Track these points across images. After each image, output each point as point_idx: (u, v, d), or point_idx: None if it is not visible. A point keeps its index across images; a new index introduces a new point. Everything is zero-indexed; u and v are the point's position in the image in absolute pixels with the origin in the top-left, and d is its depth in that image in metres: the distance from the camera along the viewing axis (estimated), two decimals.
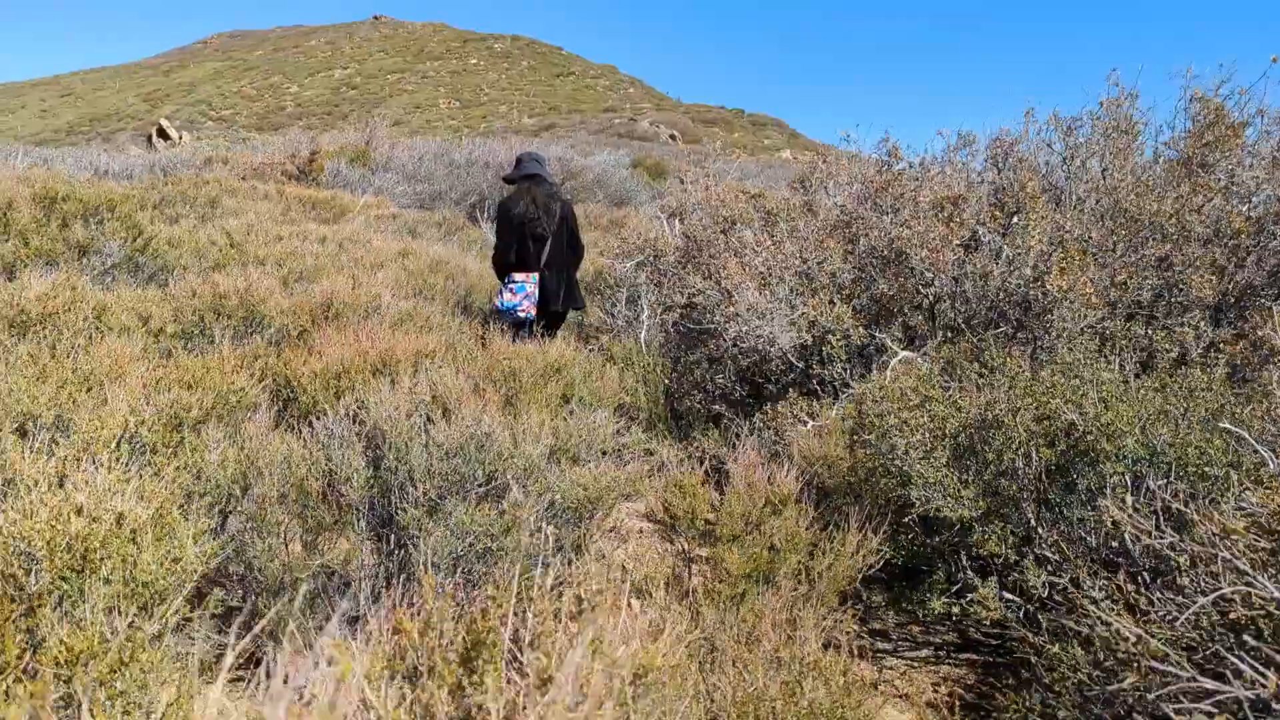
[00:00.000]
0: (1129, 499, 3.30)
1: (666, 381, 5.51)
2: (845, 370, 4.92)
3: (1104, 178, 5.85)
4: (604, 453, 3.88)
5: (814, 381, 5.16)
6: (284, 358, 4.57)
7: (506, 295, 6.18)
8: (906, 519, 3.49)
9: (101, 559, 1.67)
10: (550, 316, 6.37)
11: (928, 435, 3.41)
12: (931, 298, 5.14)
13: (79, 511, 1.78)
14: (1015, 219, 5.08)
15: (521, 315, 6.13)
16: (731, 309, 5.14)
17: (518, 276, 6.19)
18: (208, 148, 25.19)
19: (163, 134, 31.70)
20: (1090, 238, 4.58)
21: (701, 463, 4.46)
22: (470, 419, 3.36)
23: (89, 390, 3.38)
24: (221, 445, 2.97)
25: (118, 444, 2.60)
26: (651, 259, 7.60)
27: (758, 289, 5.09)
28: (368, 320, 5.49)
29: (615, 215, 12.89)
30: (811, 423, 4.68)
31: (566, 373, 4.41)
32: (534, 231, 6.19)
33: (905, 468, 3.45)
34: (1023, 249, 4.63)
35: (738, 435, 4.99)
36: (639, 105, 76.85)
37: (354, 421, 3.37)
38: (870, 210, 5.91)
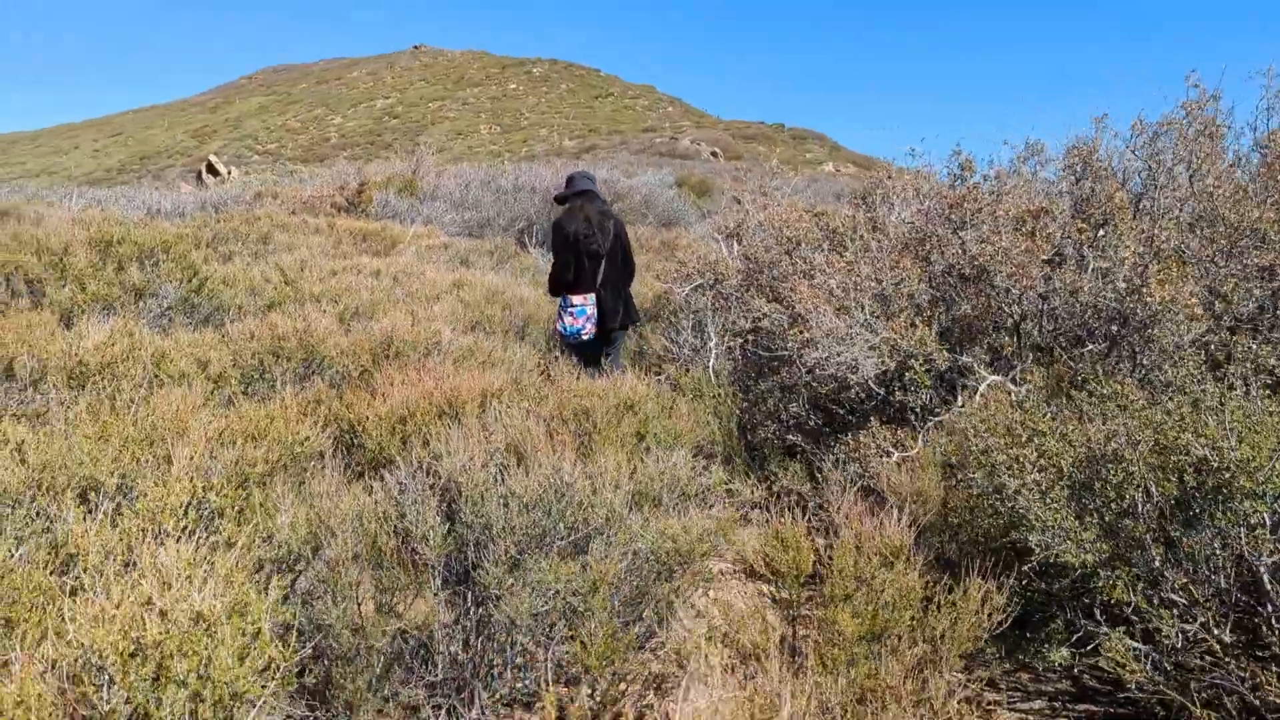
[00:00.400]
0: (1267, 537, 3.00)
1: (738, 412, 5.27)
2: (929, 397, 4.65)
3: (1191, 184, 5.54)
4: (686, 495, 3.65)
5: (895, 409, 4.90)
6: (347, 400, 4.42)
7: (567, 319, 6.15)
8: (1023, 566, 3.21)
9: (178, 663, 1.49)
10: (608, 334, 6.30)
11: (1043, 474, 3.14)
12: (1017, 316, 4.86)
13: (148, 603, 1.61)
14: (1102, 231, 4.80)
15: (585, 338, 6.13)
16: (806, 334, 4.90)
17: (575, 299, 6.16)
18: (257, 182, 25.52)
19: (212, 170, 32.18)
20: (1188, 247, 4.29)
21: (786, 501, 4.22)
22: (548, 467, 3.16)
23: (151, 445, 3.24)
24: (291, 506, 2.80)
25: (185, 510, 2.43)
26: (712, 282, 7.39)
27: (835, 313, 4.84)
28: (428, 358, 5.33)
29: (666, 237, 12.70)
30: (898, 454, 4.43)
31: (640, 409, 4.19)
32: (589, 249, 6.14)
33: (1016, 509, 3.19)
34: (1114, 261, 4.35)
35: (819, 469, 4.74)
36: (679, 124, 76.91)
37: (426, 474, 3.19)
38: (944, 227, 5.65)
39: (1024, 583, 3.34)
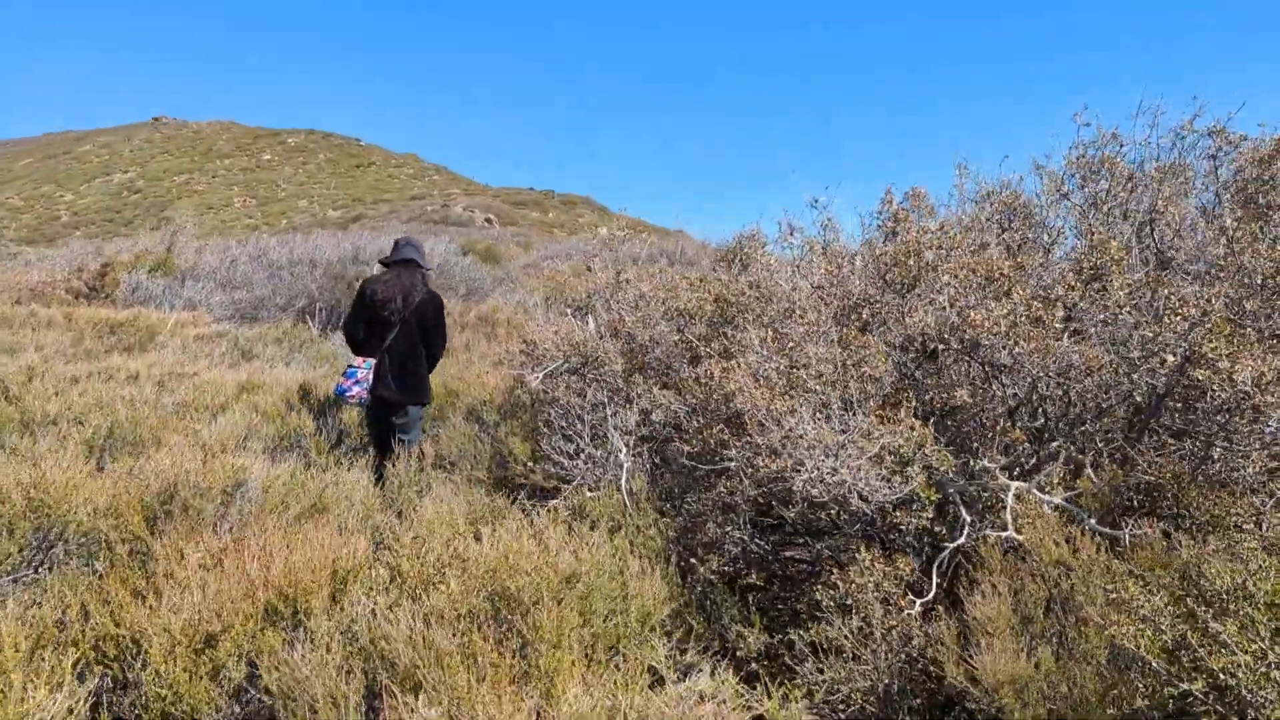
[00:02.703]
0: None
1: (671, 549, 3.98)
2: (933, 516, 3.57)
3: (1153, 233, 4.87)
4: None
5: (881, 529, 3.79)
6: (114, 605, 2.78)
7: (341, 379, 5.95)
8: None
9: None
10: (390, 408, 5.95)
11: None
12: (1026, 400, 3.90)
13: None
14: (1094, 285, 3.94)
15: (351, 400, 5.87)
16: (763, 439, 3.71)
17: (354, 360, 6.01)
18: None
19: None
20: (1245, 307, 3.46)
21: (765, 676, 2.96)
22: None
23: None
24: None
25: None
26: (579, 366, 6.10)
27: (812, 413, 3.68)
28: (230, 508, 3.72)
29: (480, 310, 11.28)
30: (918, 602, 3.29)
31: (582, 580, 2.84)
32: (381, 314, 5.97)
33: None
34: (1152, 326, 3.46)
35: (794, 622, 3.53)
36: (447, 191, 75.50)
37: None
38: (884, 291, 4.67)
39: None
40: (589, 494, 4.42)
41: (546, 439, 4.83)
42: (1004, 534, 3.37)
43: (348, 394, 5.92)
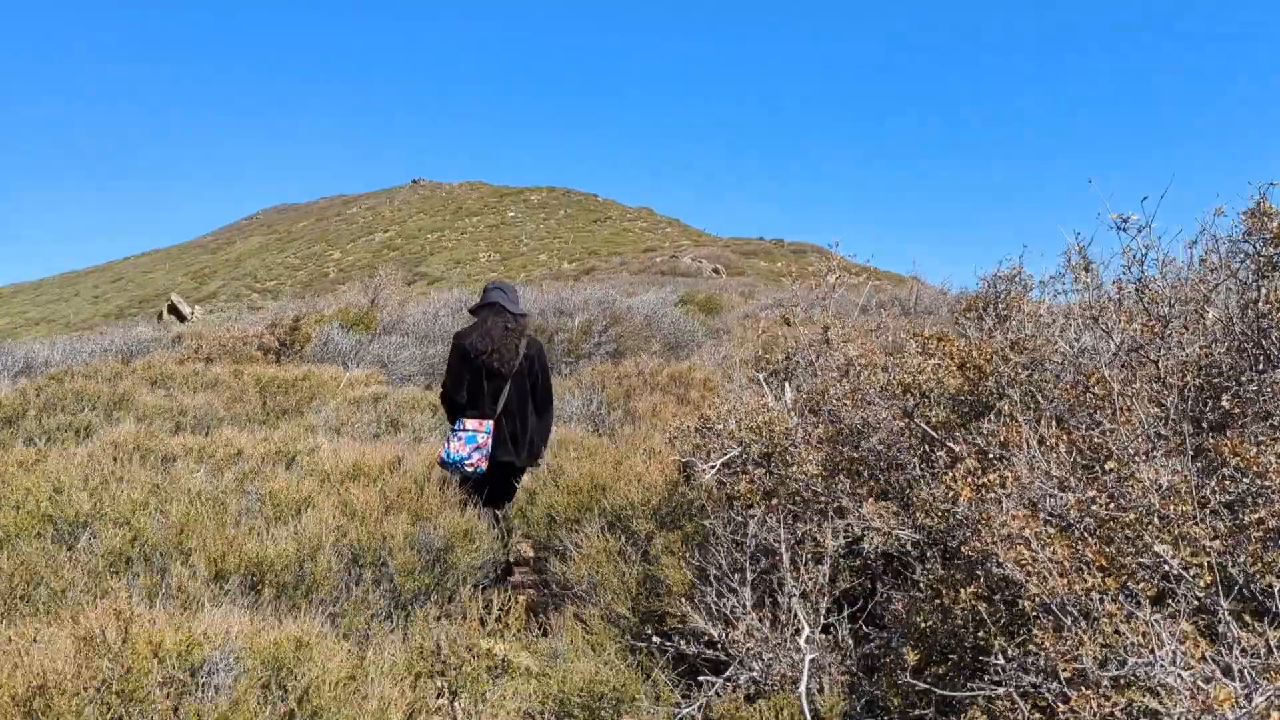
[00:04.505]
0: None
1: None
2: None
3: None
4: None
5: None
6: None
7: (454, 444, 5.30)
8: None
9: None
10: (502, 469, 5.41)
11: None
12: None
13: None
14: None
15: (469, 470, 5.28)
16: (1059, 646, 1.90)
17: (469, 424, 5.35)
18: (218, 320, 22.95)
19: (175, 310, 29.76)
20: None
21: None
22: None
23: None
24: None
25: None
26: (763, 457, 4.42)
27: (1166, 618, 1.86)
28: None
29: (676, 368, 9.81)
30: None
31: None
32: (488, 366, 5.36)
33: None
34: None
35: None
36: (678, 243, 75.65)
37: None
38: (1260, 360, 2.71)
39: None
40: (751, 691, 2.72)
41: (694, 566, 3.17)
42: None
43: (465, 462, 5.26)
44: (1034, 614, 2.09)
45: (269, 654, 2.61)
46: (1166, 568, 2.06)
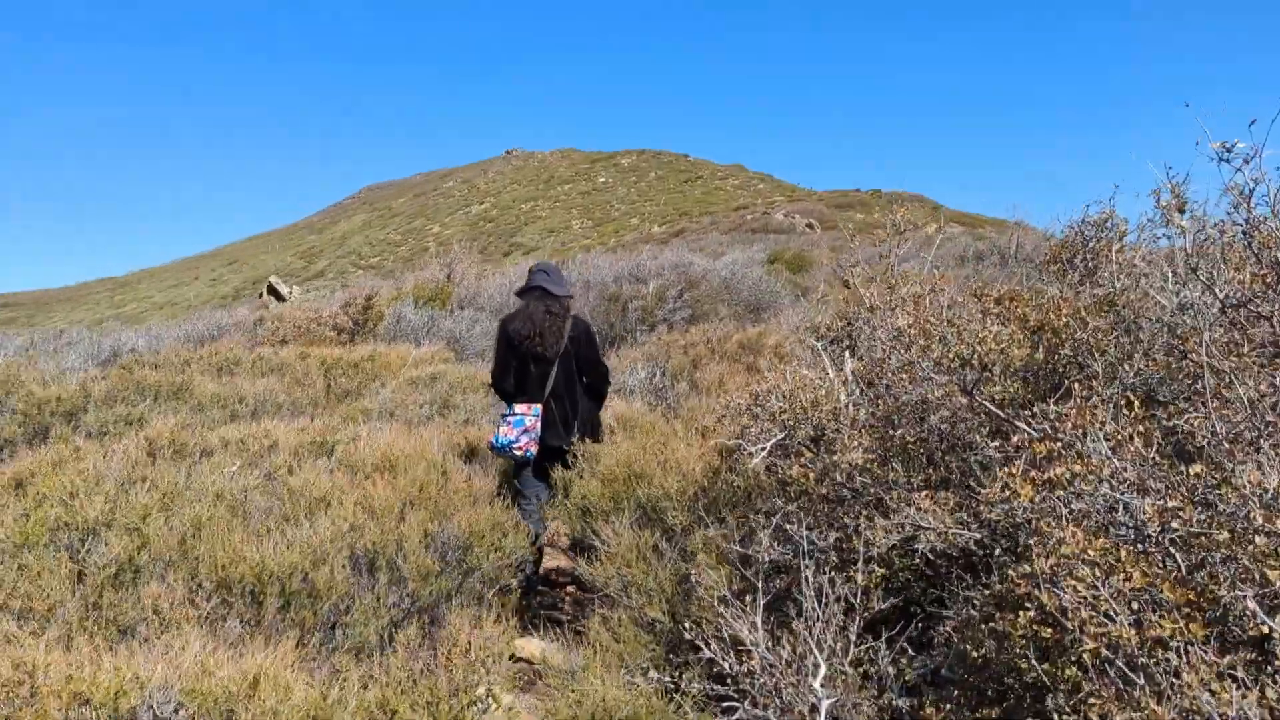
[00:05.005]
0: None
1: None
2: None
3: None
4: None
5: None
6: None
7: (503, 429, 5.33)
8: None
9: None
10: (551, 454, 5.37)
11: None
12: None
13: None
14: None
15: (518, 454, 5.29)
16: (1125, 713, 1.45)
17: (518, 408, 5.36)
18: (311, 299, 23.32)
19: (273, 291, 30.46)
20: None
21: None
22: None
23: None
24: None
25: None
26: (812, 437, 3.97)
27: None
28: None
29: (748, 334, 9.30)
30: None
31: None
32: (532, 351, 5.35)
33: None
34: None
35: None
36: (771, 199, 74.20)
37: None
38: None
39: None
40: None
41: (730, 568, 2.76)
42: None
43: (513, 446, 5.26)
44: (1094, 664, 1.63)
45: (220, 694, 2.32)
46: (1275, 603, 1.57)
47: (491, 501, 4.36)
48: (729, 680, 2.49)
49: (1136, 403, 2.35)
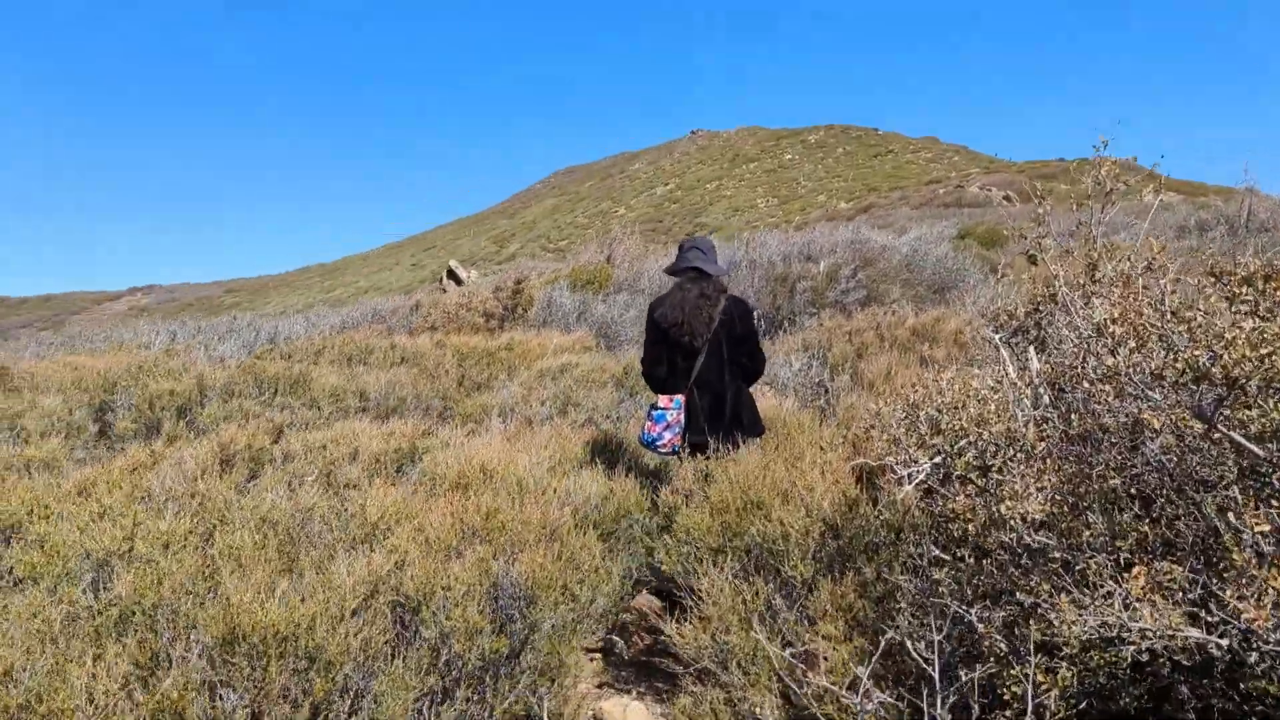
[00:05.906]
0: None
1: None
2: None
3: None
4: None
5: None
6: None
7: (648, 424, 5.00)
8: None
9: None
10: (697, 450, 4.83)
11: None
12: None
13: None
14: None
15: (663, 451, 4.96)
16: None
17: (661, 401, 5.01)
18: (485, 283, 23.46)
19: (452, 275, 31.04)
20: None
21: None
22: None
23: None
24: None
25: None
26: (979, 468, 2.96)
27: None
28: None
29: (922, 321, 8.12)
30: None
31: None
32: (678, 340, 4.93)
33: None
34: None
35: None
36: (965, 172, 70.16)
37: None
38: None
39: None
40: None
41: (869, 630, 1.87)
42: None
43: (659, 443, 4.98)
44: None
45: None
46: None
47: (571, 532, 3.57)
48: None
49: None
